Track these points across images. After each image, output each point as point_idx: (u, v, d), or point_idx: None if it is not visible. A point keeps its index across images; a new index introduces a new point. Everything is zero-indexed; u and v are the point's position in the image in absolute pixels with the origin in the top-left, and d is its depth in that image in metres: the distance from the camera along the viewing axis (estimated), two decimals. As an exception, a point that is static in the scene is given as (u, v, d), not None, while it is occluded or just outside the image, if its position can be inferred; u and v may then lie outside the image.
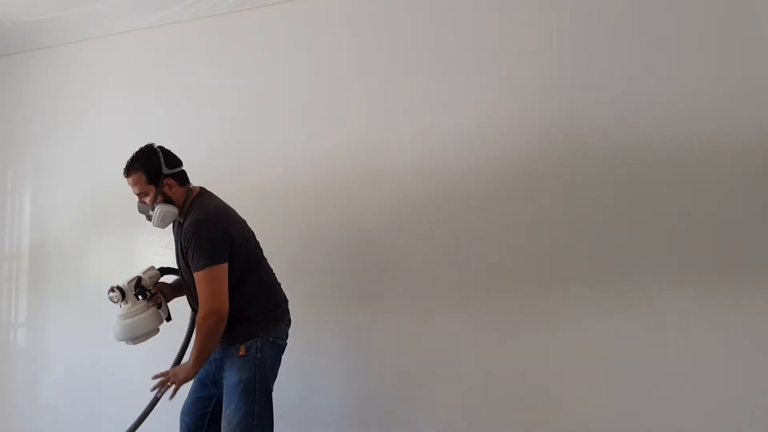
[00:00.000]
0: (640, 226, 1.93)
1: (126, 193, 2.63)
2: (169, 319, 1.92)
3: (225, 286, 1.70)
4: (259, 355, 1.74)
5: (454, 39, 2.21)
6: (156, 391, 1.75)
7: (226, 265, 1.70)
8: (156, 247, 2.59)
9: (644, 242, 1.92)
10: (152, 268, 1.91)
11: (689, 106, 1.91)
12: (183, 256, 1.78)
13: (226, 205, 1.89)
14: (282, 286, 1.94)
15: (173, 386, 1.72)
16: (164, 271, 1.94)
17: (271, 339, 1.77)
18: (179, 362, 1.88)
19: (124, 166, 1.82)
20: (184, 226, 1.76)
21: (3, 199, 2.97)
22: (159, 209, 1.79)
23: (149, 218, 1.83)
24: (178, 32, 2.67)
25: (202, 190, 1.91)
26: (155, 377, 1.75)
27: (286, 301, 1.91)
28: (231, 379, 1.74)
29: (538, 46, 2.10)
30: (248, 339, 1.75)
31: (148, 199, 1.81)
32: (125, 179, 1.84)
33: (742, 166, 1.84)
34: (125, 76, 2.75)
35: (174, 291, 1.97)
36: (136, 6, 2.56)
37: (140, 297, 1.84)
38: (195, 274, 1.71)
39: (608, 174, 1.98)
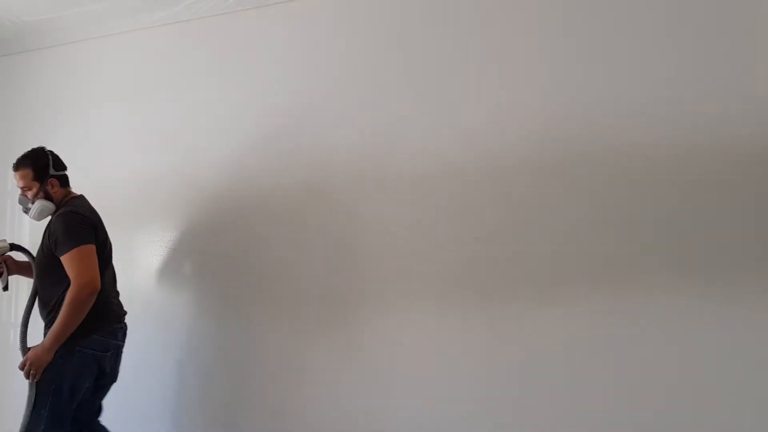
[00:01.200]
0: (640, 227, 1.93)
1: (126, 192, 2.67)
2: (5, 289, 2.15)
3: (96, 264, 1.90)
4: (60, 361, 1.90)
5: (457, 40, 2.21)
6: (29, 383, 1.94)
7: (94, 246, 1.92)
8: (155, 246, 2.59)
9: (644, 243, 1.92)
10: (3, 240, 2.13)
11: (689, 106, 1.91)
12: (48, 245, 1.96)
13: (96, 211, 2.11)
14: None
15: (36, 373, 1.91)
16: (14, 246, 2.13)
17: (77, 348, 1.92)
18: (24, 339, 2.05)
19: (15, 161, 2.08)
20: (53, 218, 2.02)
21: (3, 199, 2.97)
22: (38, 204, 2.04)
23: (26, 210, 2.08)
24: (179, 32, 2.67)
25: (80, 196, 2.15)
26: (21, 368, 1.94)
27: (110, 318, 2.03)
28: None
29: (540, 46, 2.10)
30: None
31: (30, 194, 2.06)
32: (13, 172, 2.08)
33: (742, 167, 1.84)
34: (125, 76, 2.76)
35: (21, 269, 2.20)
36: (137, 6, 2.56)
37: None
38: (64, 258, 1.89)
39: (607, 175, 1.98)
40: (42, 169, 2.04)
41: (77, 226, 1.92)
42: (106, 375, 2.05)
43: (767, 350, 1.78)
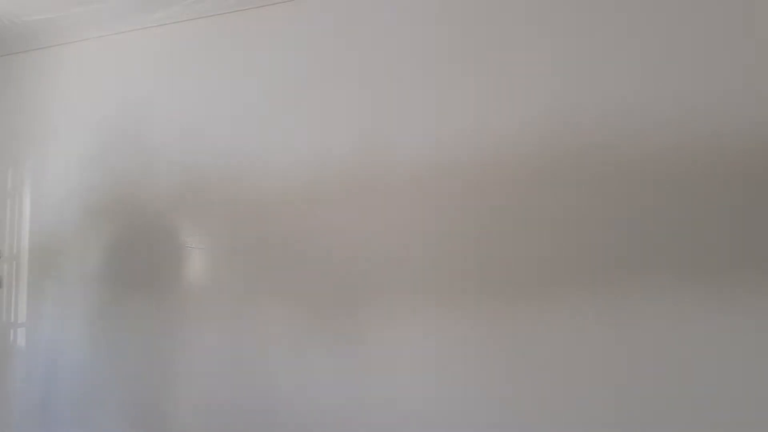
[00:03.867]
0: (640, 227, 1.93)
1: (126, 192, 2.67)
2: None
3: None
4: None
5: (458, 40, 2.21)
6: None
7: None
8: (155, 247, 2.59)
9: (645, 243, 1.92)
10: None
11: (691, 107, 1.91)
12: None
13: None
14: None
15: None
16: None
17: None
18: None
19: None
20: None
21: (3, 199, 2.97)
22: None
23: None
24: (179, 32, 2.67)
25: None
26: None
27: None
28: None
29: (539, 46, 2.10)
30: None
31: None
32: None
33: (743, 168, 1.85)
34: (125, 76, 2.76)
35: None
36: (137, 6, 2.56)
37: None
38: None
39: (607, 175, 1.98)
40: None
41: None
42: None
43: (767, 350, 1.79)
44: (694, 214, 1.88)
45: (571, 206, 2.01)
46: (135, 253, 2.64)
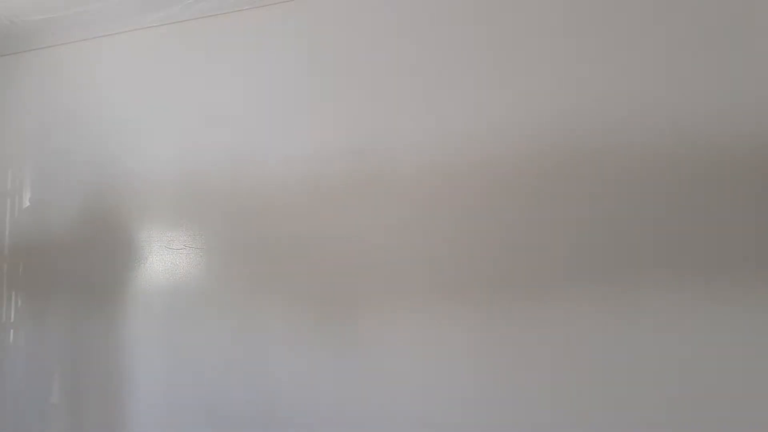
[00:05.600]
0: (640, 228, 1.93)
1: (125, 193, 2.67)
2: None
3: None
4: None
5: (457, 39, 2.22)
6: None
7: None
8: (156, 247, 2.59)
9: (645, 243, 1.92)
10: None
11: (689, 106, 1.91)
12: None
13: None
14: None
15: None
16: None
17: None
18: None
19: None
20: None
21: (3, 198, 2.97)
22: None
23: None
24: (179, 32, 2.67)
25: None
26: None
27: None
28: None
29: (540, 47, 2.10)
30: None
31: None
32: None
33: (742, 167, 1.85)
34: (125, 76, 2.76)
35: None
36: (137, 6, 2.56)
37: None
38: None
39: (607, 175, 1.98)
40: None
41: None
42: None
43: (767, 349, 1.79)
44: (695, 213, 1.89)
45: (572, 206, 2.01)
46: (133, 253, 2.64)
